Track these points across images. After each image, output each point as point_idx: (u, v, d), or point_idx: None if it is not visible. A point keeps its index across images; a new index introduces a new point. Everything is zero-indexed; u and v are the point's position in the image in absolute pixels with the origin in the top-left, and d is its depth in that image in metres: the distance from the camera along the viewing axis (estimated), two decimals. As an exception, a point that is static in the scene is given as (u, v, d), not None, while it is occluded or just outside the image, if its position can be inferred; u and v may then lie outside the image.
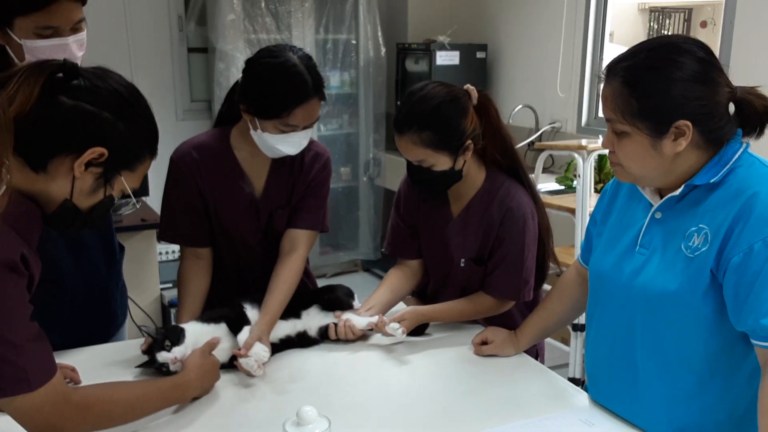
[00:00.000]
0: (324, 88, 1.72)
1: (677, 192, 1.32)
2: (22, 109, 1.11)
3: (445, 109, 1.69)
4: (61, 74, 1.18)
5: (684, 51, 1.25)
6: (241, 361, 1.60)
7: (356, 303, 1.92)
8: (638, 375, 1.39)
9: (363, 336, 1.85)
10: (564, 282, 1.72)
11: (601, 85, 1.33)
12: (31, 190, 1.18)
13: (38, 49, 1.54)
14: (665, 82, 1.24)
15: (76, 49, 1.59)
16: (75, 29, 1.58)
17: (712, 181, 1.28)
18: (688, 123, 1.24)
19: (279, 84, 1.65)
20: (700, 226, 1.28)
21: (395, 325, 1.76)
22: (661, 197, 1.36)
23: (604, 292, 1.46)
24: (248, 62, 1.72)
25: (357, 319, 1.82)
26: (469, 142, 1.72)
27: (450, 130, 1.69)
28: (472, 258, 1.84)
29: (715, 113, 1.26)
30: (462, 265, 1.86)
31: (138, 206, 1.31)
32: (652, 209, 1.37)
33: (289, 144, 1.72)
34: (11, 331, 1.09)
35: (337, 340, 1.82)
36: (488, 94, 1.78)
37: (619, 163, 1.34)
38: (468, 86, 1.75)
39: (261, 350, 1.62)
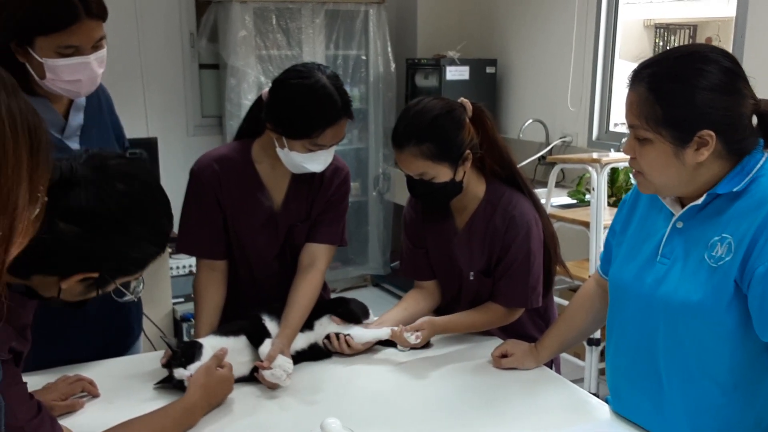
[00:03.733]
0: (351, 106, 1.73)
1: (699, 201, 1.31)
2: None
3: (443, 120, 1.71)
4: (62, 178, 1.10)
5: (710, 60, 1.25)
6: (266, 373, 1.60)
7: (372, 318, 1.92)
8: (662, 387, 1.38)
9: (369, 349, 1.84)
10: (583, 294, 1.72)
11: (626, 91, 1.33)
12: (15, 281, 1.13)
13: (59, 67, 1.55)
14: (690, 91, 1.24)
15: (96, 66, 1.60)
16: (96, 47, 1.58)
17: (735, 190, 1.28)
18: (712, 133, 1.24)
19: (309, 106, 1.66)
20: (723, 235, 1.28)
21: (411, 333, 1.76)
22: (682, 206, 1.36)
23: (624, 302, 1.46)
24: (276, 82, 1.72)
25: (361, 333, 1.82)
26: (468, 152, 1.74)
27: (449, 142, 1.71)
28: (481, 270, 1.85)
29: (739, 124, 1.26)
30: (471, 278, 1.86)
31: (141, 292, 1.27)
32: (674, 218, 1.37)
33: (316, 162, 1.73)
34: (15, 418, 1.12)
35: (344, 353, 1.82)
36: (482, 106, 1.81)
37: (641, 172, 1.34)
38: (462, 99, 1.78)
39: (285, 362, 1.62)
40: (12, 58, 1.55)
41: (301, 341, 1.78)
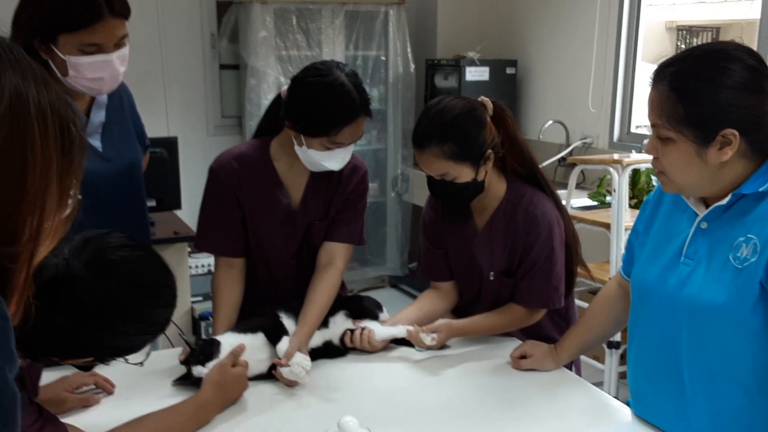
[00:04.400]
0: (370, 105, 1.73)
1: (724, 201, 1.29)
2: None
3: (464, 120, 1.71)
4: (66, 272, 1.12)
5: (734, 58, 1.23)
6: (284, 370, 1.60)
7: (384, 315, 1.91)
8: (684, 389, 1.36)
9: (385, 348, 1.84)
10: (605, 295, 1.70)
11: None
12: None
13: (82, 65, 1.56)
14: (713, 90, 1.22)
15: (118, 64, 1.61)
16: (118, 45, 1.59)
17: (761, 189, 1.25)
18: (735, 132, 1.22)
19: (328, 103, 1.66)
20: (749, 236, 1.25)
21: (427, 334, 1.75)
22: (707, 207, 1.34)
23: (647, 304, 1.43)
24: (295, 80, 1.72)
25: (379, 329, 1.81)
26: (490, 151, 1.73)
27: (470, 141, 1.70)
28: (501, 270, 1.83)
29: (764, 123, 1.24)
30: (491, 278, 1.85)
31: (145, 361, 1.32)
32: (698, 219, 1.35)
33: (334, 160, 1.73)
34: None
35: (357, 350, 1.82)
36: (503, 105, 1.79)
37: (664, 172, 1.32)
38: (482, 98, 1.77)
39: (303, 359, 1.62)
40: (35, 56, 1.56)
41: (317, 339, 1.78)
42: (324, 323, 1.81)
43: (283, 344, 1.64)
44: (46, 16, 1.53)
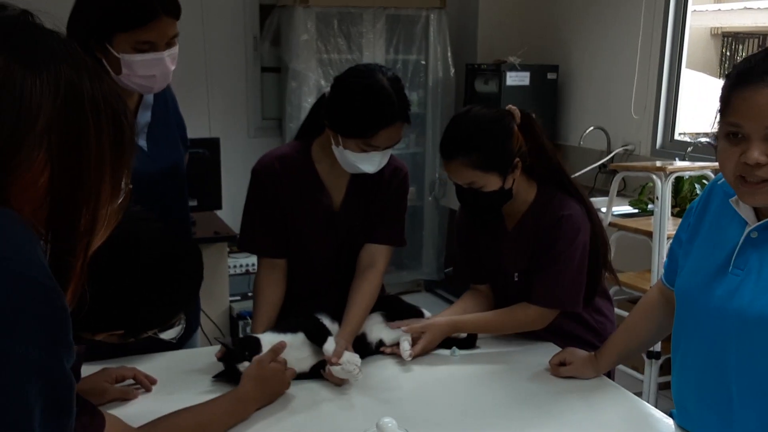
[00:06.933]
0: (410, 111, 1.73)
1: None
2: None
3: (491, 129, 1.71)
4: None
5: None
6: (336, 369, 1.61)
7: (427, 314, 1.91)
8: (732, 403, 1.32)
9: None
10: (647, 302, 1.66)
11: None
12: None
13: (135, 63, 1.59)
14: None
15: (169, 63, 1.64)
16: (169, 44, 1.62)
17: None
18: None
19: (365, 105, 1.66)
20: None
21: (406, 345, 1.75)
22: (758, 216, 1.30)
23: (692, 314, 1.40)
24: (337, 80, 1.73)
25: (388, 335, 1.82)
26: (517, 160, 1.73)
27: (498, 150, 1.71)
28: (525, 271, 1.82)
29: None
30: (516, 279, 1.84)
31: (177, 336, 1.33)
32: (748, 228, 1.31)
33: (369, 163, 1.73)
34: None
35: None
36: (530, 113, 1.79)
37: None
38: (510, 107, 1.77)
39: (353, 357, 1.63)
40: (89, 55, 1.59)
41: None
42: None
43: (330, 344, 1.65)
44: (103, 16, 1.57)
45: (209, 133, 4.18)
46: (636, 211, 3.42)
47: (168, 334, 1.26)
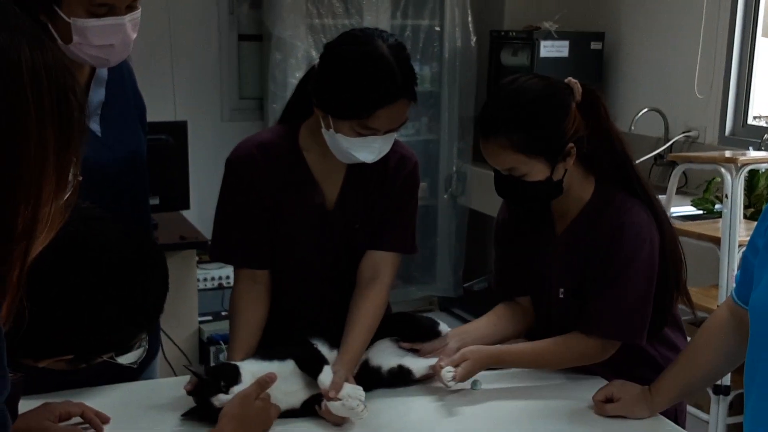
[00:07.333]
0: (416, 85, 1.74)
1: None
2: None
3: (542, 105, 1.71)
4: None
5: None
6: (335, 405, 1.62)
7: (444, 328, 1.92)
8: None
9: (421, 380, 1.85)
10: (712, 326, 1.67)
11: None
12: None
13: (90, 29, 1.58)
14: None
15: (130, 29, 1.64)
16: (131, 7, 1.63)
17: None
18: None
19: (361, 78, 1.67)
20: None
21: (449, 370, 1.75)
22: None
23: (771, 338, 1.41)
24: (327, 48, 1.75)
25: (415, 364, 1.84)
26: (571, 146, 1.72)
27: (548, 132, 1.71)
28: (573, 288, 1.83)
29: None
30: (561, 296, 1.85)
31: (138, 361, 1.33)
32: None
33: (367, 150, 1.74)
34: None
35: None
36: (596, 89, 1.79)
37: None
38: (570, 79, 1.77)
39: (355, 391, 1.63)
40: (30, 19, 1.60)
41: None
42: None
43: (326, 375, 1.65)
44: None
45: (174, 116, 4.19)
46: (700, 212, 3.42)
47: (127, 358, 1.26)
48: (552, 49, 4.33)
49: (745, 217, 3.17)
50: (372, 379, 1.80)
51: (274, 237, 1.87)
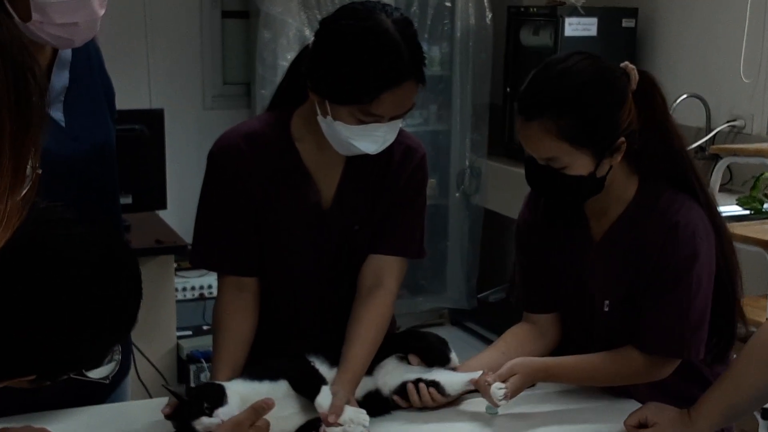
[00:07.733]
0: (425, 65, 1.74)
1: None
2: None
3: (596, 90, 1.71)
4: None
5: None
6: (334, 431, 1.62)
7: (454, 357, 1.93)
8: None
9: (455, 400, 1.85)
10: (760, 342, 1.67)
11: None
12: None
13: (51, 5, 1.58)
14: None
15: (97, 6, 1.64)
16: None
17: None
18: None
19: (363, 57, 1.67)
20: None
21: (500, 386, 1.74)
22: None
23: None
24: (324, 24, 1.75)
25: (450, 378, 1.83)
26: (622, 140, 1.72)
27: (600, 122, 1.70)
28: (621, 299, 1.82)
29: None
30: (606, 309, 1.84)
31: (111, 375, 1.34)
32: None
33: (369, 139, 1.74)
34: None
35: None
36: (654, 77, 1.79)
37: None
38: (626, 64, 1.77)
39: (357, 414, 1.64)
40: None
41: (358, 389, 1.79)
42: (368, 370, 1.83)
43: (325, 397, 1.66)
44: None
45: (149, 104, 4.22)
46: (747, 212, 3.43)
47: (98, 373, 1.27)
48: (578, 27, 4.34)
49: (798, 217, 3.18)
50: (378, 403, 1.80)
51: (263, 240, 1.88)
